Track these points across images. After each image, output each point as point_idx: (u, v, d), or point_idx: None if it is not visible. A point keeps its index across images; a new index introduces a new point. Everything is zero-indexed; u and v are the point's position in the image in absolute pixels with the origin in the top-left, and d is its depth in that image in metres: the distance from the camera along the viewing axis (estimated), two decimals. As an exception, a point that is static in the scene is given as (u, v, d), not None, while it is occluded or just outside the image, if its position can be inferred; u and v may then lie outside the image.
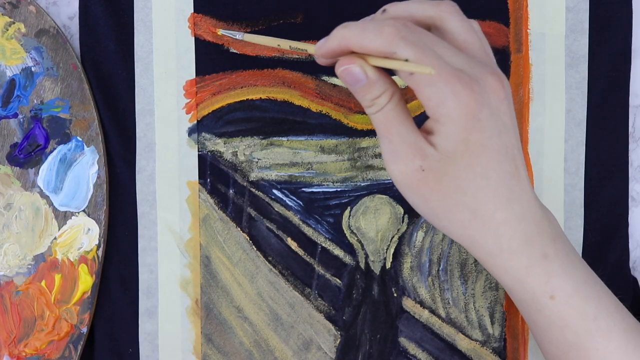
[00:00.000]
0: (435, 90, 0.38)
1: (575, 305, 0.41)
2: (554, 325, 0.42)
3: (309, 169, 0.52)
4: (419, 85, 0.38)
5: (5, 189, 0.51)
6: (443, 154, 0.39)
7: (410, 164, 0.39)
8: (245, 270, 0.52)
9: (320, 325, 0.52)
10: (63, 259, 0.51)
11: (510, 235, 0.40)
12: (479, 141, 0.39)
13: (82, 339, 0.51)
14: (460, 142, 0.39)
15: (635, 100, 0.52)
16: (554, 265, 0.41)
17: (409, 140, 0.39)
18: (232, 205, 0.52)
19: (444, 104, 0.38)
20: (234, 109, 0.52)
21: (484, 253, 0.41)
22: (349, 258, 0.52)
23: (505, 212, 0.40)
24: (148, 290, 0.52)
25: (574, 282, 0.41)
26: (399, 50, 0.38)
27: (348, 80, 0.40)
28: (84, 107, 0.51)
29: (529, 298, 0.42)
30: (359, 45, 0.39)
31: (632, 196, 0.52)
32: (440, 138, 0.39)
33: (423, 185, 0.40)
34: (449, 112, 0.38)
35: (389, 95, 0.39)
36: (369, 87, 0.39)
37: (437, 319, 0.52)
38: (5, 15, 0.51)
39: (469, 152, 0.39)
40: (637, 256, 0.52)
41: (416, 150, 0.39)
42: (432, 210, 0.41)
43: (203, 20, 0.51)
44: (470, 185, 0.39)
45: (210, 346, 0.52)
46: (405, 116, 0.40)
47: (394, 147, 0.40)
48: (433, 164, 0.39)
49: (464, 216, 0.40)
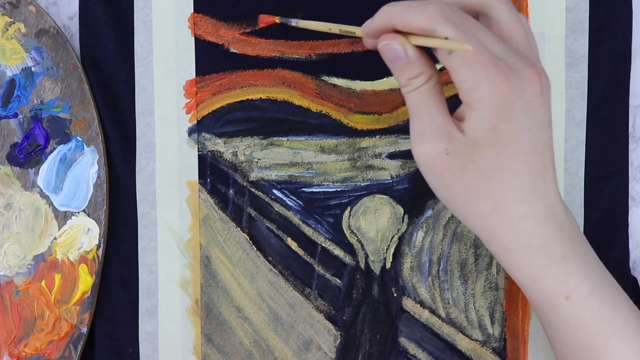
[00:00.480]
0: (470, 72, 0.38)
1: (590, 307, 0.41)
2: (568, 326, 0.41)
3: (309, 169, 0.52)
4: (455, 66, 0.38)
5: (5, 189, 0.51)
6: (470, 140, 0.39)
7: (435, 147, 0.39)
8: (245, 270, 0.52)
9: (320, 325, 0.52)
10: (63, 259, 0.51)
11: (530, 232, 0.40)
12: (508, 131, 0.38)
13: (82, 339, 0.51)
14: (489, 129, 0.38)
15: (635, 100, 0.52)
16: (571, 267, 0.41)
17: (438, 123, 0.39)
18: (232, 205, 0.52)
19: (477, 87, 0.38)
20: (234, 109, 0.52)
21: (500, 247, 0.41)
22: (349, 258, 0.52)
23: (527, 208, 0.40)
24: (148, 290, 0.52)
25: (590, 284, 0.41)
26: (440, 28, 0.38)
27: (388, 57, 0.39)
28: (84, 107, 0.51)
29: (543, 297, 0.41)
30: (402, 22, 0.39)
31: (632, 196, 0.52)
32: (470, 124, 0.39)
33: (446, 169, 0.39)
34: (482, 97, 0.38)
35: (427, 77, 0.39)
36: (408, 66, 0.39)
37: (437, 319, 0.52)
38: (5, 15, 0.51)
39: (497, 142, 0.38)
40: (637, 256, 0.52)
41: (443, 133, 0.39)
42: (453, 197, 0.40)
43: (203, 20, 0.51)
44: (494, 175, 0.39)
45: (210, 346, 0.52)
46: (439, 99, 0.40)
47: (422, 127, 0.40)
48: (459, 149, 0.39)
49: (485, 206, 0.40)
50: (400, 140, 0.52)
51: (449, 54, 0.38)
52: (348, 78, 0.51)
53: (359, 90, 0.52)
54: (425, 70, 0.39)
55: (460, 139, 0.39)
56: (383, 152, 0.52)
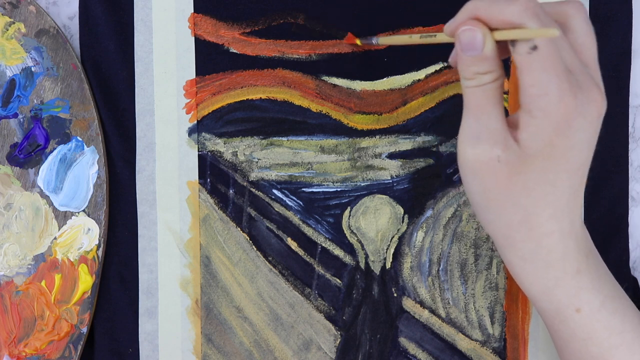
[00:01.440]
0: (543, 78, 0.37)
1: (600, 319, 0.41)
2: (577, 337, 0.41)
3: (309, 169, 0.52)
4: (531, 67, 0.37)
5: (5, 189, 0.51)
6: (524, 150, 0.38)
7: (489, 151, 0.38)
8: (245, 270, 0.52)
9: (320, 325, 0.52)
10: (63, 259, 0.51)
11: (550, 248, 0.40)
12: (562, 148, 0.38)
13: (82, 339, 0.51)
14: (546, 143, 0.38)
15: (635, 100, 0.52)
16: (584, 280, 0.40)
17: (497, 127, 0.38)
18: (232, 205, 0.52)
19: (545, 95, 0.37)
20: (234, 109, 0.52)
21: (516, 257, 0.40)
22: (349, 258, 0.52)
23: (554, 225, 0.39)
24: (148, 290, 0.52)
25: (601, 297, 0.41)
26: (528, 22, 0.37)
27: (464, 43, 0.38)
28: (84, 107, 0.51)
29: (554, 309, 0.41)
30: (489, 14, 0.38)
31: (632, 196, 0.52)
32: (527, 133, 0.38)
33: (492, 176, 0.39)
34: (547, 107, 0.37)
35: (494, 77, 0.38)
36: (480, 61, 0.38)
37: (437, 319, 0.52)
38: (5, 15, 0.51)
39: (549, 156, 0.38)
40: (637, 256, 0.52)
41: (500, 139, 0.38)
42: (487, 202, 0.40)
43: (203, 20, 0.51)
44: (536, 189, 0.38)
45: (210, 346, 0.52)
46: (500, 102, 0.39)
47: (478, 127, 0.39)
48: (511, 158, 0.38)
49: (516, 217, 0.39)
50: (400, 140, 0.52)
51: (529, 53, 0.37)
52: (348, 78, 0.51)
53: (359, 90, 0.52)
54: (495, 70, 0.38)
55: (515, 147, 0.38)
56: (383, 152, 0.52)
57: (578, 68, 0.38)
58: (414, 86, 0.51)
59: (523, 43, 0.37)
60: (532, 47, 0.37)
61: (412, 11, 0.51)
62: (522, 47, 0.37)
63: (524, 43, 0.37)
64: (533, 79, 0.37)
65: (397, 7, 0.51)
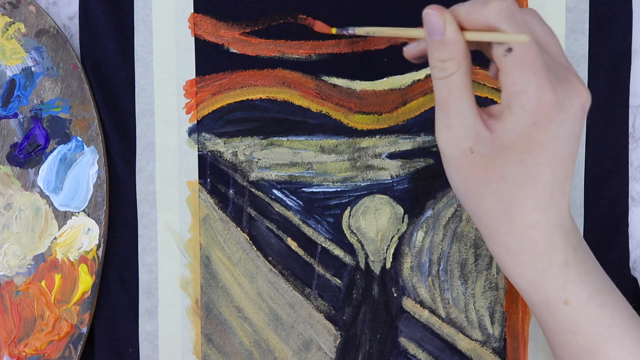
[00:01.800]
0: (522, 77, 0.38)
1: (589, 312, 0.41)
2: (566, 330, 0.41)
3: (309, 169, 0.52)
4: (509, 67, 0.38)
5: (5, 189, 0.51)
6: (498, 141, 0.39)
7: (461, 143, 0.39)
8: (245, 270, 0.52)
9: (320, 325, 0.52)
10: (63, 259, 0.51)
11: (535, 240, 0.40)
12: (541, 141, 0.38)
13: (82, 339, 0.51)
14: (522, 136, 0.38)
15: (635, 100, 0.52)
16: (572, 273, 0.41)
17: (467, 120, 0.39)
18: (232, 205, 0.52)
19: (525, 93, 0.38)
20: (234, 109, 0.52)
21: (502, 249, 0.41)
22: (349, 258, 0.52)
23: (538, 217, 0.39)
24: (148, 290, 0.52)
25: (590, 290, 0.41)
26: (503, 26, 0.38)
27: (427, 27, 0.39)
28: (84, 107, 0.51)
29: (542, 301, 0.41)
30: (466, 15, 0.38)
31: (632, 196, 0.52)
32: (503, 125, 0.39)
33: (467, 165, 0.40)
34: (526, 104, 0.38)
35: (457, 65, 0.39)
36: (442, 45, 0.39)
37: (437, 319, 0.52)
38: (5, 15, 0.51)
39: (527, 148, 0.38)
40: (637, 256, 0.52)
41: (471, 133, 0.39)
42: (468, 191, 0.40)
43: (203, 20, 0.51)
44: (515, 180, 0.39)
45: (210, 346, 0.52)
46: (469, 93, 0.39)
47: (449, 120, 0.39)
48: (484, 149, 0.39)
49: (497, 207, 0.40)
50: (400, 140, 0.52)
51: (505, 55, 0.38)
52: (348, 78, 0.51)
53: (359, 90, 0.52)
54: (457, 57, 0.39)
55: (488, 138, 0.39)
56: (383, 152, 0.52)
57: (554, 64, 0.39)
58: (414, 86, 0.51)
59: (498, 45, 0.38)
60: (507, 50, 0.38)
61: (412, 11, 0.51)
62: (498, 49, 0.38)
63: (499, 45, 0.38)
64: (512, 78, 0.38)
65: (398, 7, 0.51)
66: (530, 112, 0.38)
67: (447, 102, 0.39)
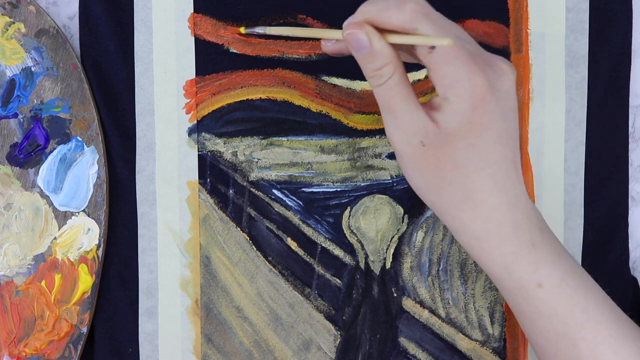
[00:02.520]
0: (451, 69, 0.38)
1: (563, 295, 0.41)
2: (542, 315, 0.42)
3: (309, 169, 0.52)
4: (436, 63, 0.39)
5: (5, 189, 0.51)
6: (444, 130, 0.40)
7: (412, 139, 0.40)
8: (245, 270, 0.52)
9: (320, 325, 0.52)
10: (63, 259, 0.51)
11: (500, 221, 0.41)
12: (483, 123, 0.39)
13: (82, 339, 0.51)
14: (465, 121, 0.39)
15: (635, 100, 0.52)
16: (541, 254, 0.41)
17: (412, 117, 0.40)
18: (232, 205, 0.52)
19: (457, 83, 0.39)
20: (234, 109, 0.52)
21: (470, 237, 0.41)
22: (349, 258, 0.52)
23: (499, 197, 0.40)
24: (148, 290, 0.52)
25: (561, 271, 0.41)
26: (420, 26, 0.38)
27: (353, 46, 0.40)
28: (84, 107, 0.51)
29: (517, 286, 0.42)
30: (381, 19, 0.39)
31: (632, 196, 0.52)
32: (445, 115, 0.40)
33: (422, 159, 0.40)
34: (461, 92, 0.39)
35: (392, 68, 0.40)
36: (373, 57, 0.40)
37: (437, 319, 0.52)
38: (5, 15, 0.51)
39: (472, 133, 0.39)
40: (637, 256, 0.52)
41: (419, 127, 0.40)
42: (426, 184, 0.41)
43: (203, 20, 0.51)
44: (469, 165, 0.40)
45: (210, 346, 0.52)
46: (408, 92, 0.40)
47: (397, 121, 0.40)
48: (433, 141, 0.40)
49: (457, 195, 0.41)
50: (400, 140, 0.52)
51: (430, 52, 0.39)
52: (348, 78, 0.51)
53: (359, 90, 0.52)
54: (390, 61, 0.40)
55: (435, 130, 0.40)
56: (383, 152, 0.52)
57: (477, 49, 0.40)
58: (414, 86, 0.51)
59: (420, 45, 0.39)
60: (431, 47, 0.39)
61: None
62: (420, 48, 0.39)
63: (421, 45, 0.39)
64: (441, 72, 0.39)
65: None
66: (467, 98, 0.39)
67: (391, 104, 0.40)
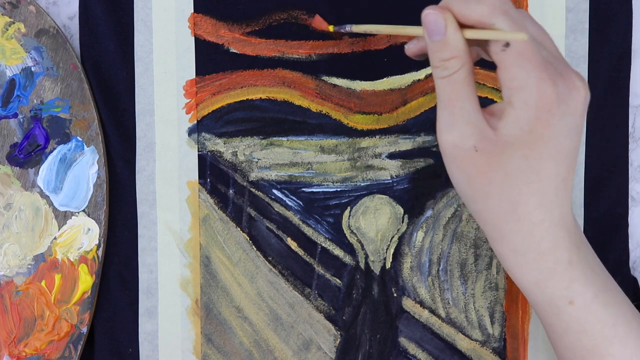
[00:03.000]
0: (522, 72, 0.37)
1: (594, 312, 0.41)
2: (571, 330, 0.41)
3: (309, 169, 0.52)
4: (507, 62, 0.38)
5: (5, 189, 0.51)
6: (502, 138, 0.38)
7: (465, 142, 0.39)
8: (245, 270, 0.52)
9: (320, 325, 0.52)
10: (63, 259, 0.51)
11: (541, 238, 0.40)
12: (544, 135, 0.38)
13: (82, 339, 0.51)
14: (525, 131, 0.38)
15: (635, 100, 0.52)
16: (576, 272, 0.40)
17: (470, 118, 0.39)
18: (232, 205, 0.52)
19: (526, 88, 0.38)
20: (234, 109, 0.52)
21: (508, 249, 0.40)
22: (349, 258, 0.52)
23: (543, 214, 0.39)
24: (148, 290, 0.52)
25: (594, 289, 0.41)
26: (498, 22, 0.38)
27: (428, 28, 0.39)
28: (84, 107, 0.51)
29: (547, 301, 0.41)
30: (460, 11, 0.38)
31: (632, 196, 0.52)
32: (506, 122, 0.38)
33: (471, 165, 0.39)
34: (527, 98, 0.38)
35: (460, 63, 0.39)
36: (444, 45, 0.39)
37: (437, 319, 0.52)
38: (5, 15, 0.51)
39: (530, 143, 0.38)
40: (637, 256, 0.52)
41: (475, 130, 0.39)
42: (472, 191, 0.40)
43: (203, 20, 0.51)
44: (518, 176, 0.39)
45: (210, 346, 0.52)
46: (472, 91, 0.39)
47: (453, 119, 0.39)
48: (488, 147, 0.39)
49: (502, 206, 0.39)
50: (400, 140, 0.52)
51: (503, 50, 0.38)
52: (348, 78, 0.51)
53: (359, 90, 0.52)
54: (459, 55, 0.39)
55: (491, 136, 0.39)
56: (383, 152, 0.52)
57: (553, 58, 0.39)
58: (414, 86, 0.51)
59: (495, 42, 0.38)
60: (505, 45, 0.38)
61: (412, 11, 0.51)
62: (495, 45, 0.38)
63: (496, 42, 0.38)
64: (511, 73, 0.38)
65: (398, 7, 0.51)
66: (532, 106, 0.38)
67: (451, 101, 0.39)
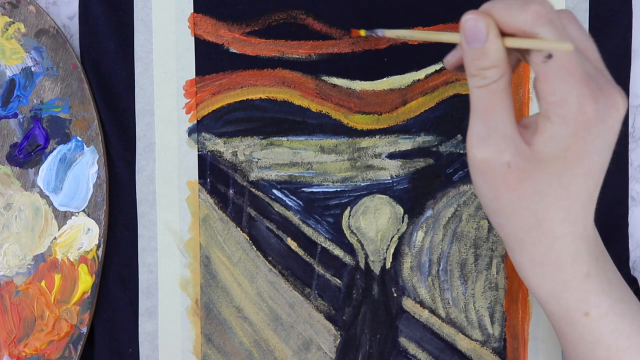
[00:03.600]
0: (562, 86, 0.36)
1: (608, 323, 0.40)
2: (585, 341, 0.41)
3: (309, 169, 0.52)
4: (548, 75, 0.36)
5: (5, 189, 0.51)
6: (536, 155, 0.37)
7: (498, 157, 0.37)
8: (245, 270, 0.52)
9: (320, 325, 0.52)
10: (63, 259, 0.51)
11: (561, 251, 0.39)
12: (579, 154, 0.37)
13: (82, 339, 0.51)
14: (562, 148, 0.37)
15: (635, 100, 0.52)
16: (593, 284, 0.40)
17: (506, 131, 0.37)
18: (232, 205, 0.52)
19: (565, 103, 0.36)
20: (234, 109, 0.52)
21: (527, 259, 0.40)
22: (349, 258, 0.52)
23: (566, 228, 0.38)
24: (148, 290, 0.52)
25: (610, 300, 0.40)
26: (542, 31, 0.36)
27: (467, 34, 0.37)
28: (84, 107, 0.51)
29: (562, 312, 0.40)
30: (501, 18, 0.36)
31: (632, 196, 0.52)
32: (542, 137, 0.37)
33: (502, 182, 0.38)
34: (566, 114, 0.36)
35: (500, 72, 0.37)
36: (483, 53, 0.37)
37: (437, 319, 0.52)
38: (5, 15, 0.51)
39: (564, 161, 0.37)
40: (637, 256, 0.52)
41: (509, 144, 0.37)
42: (498, 206, 0.39)
43: (203, 20, 0.51)
44: (549, 194, 0.37)
45: (210, 346, 0.52)
46: (509, 103, 0.37)
47: (487, 131, 0.37)
48: (522, 163, 0.37)
49: (528, 221, 0.38)
50: (400, 140, 0.52)
51: (544, 62, 0.36)
52: (348, 78, 0.51)
53: (359, 90, 0.52)
54: (499, 65, 0.37)
55: (526, 152, 0.37)
56: (383, 152, 0.52)
57: (595, 72, 0.37)
58: (414, 86, 0.51)
59: (537, 52, 0.36)
60: (547, 56, 0.36)
61: (412, 11, 0.51)
62: (536, 56, 0.36)
63: (538, 52, 0.36)
64: (551, 87, 0.36)
65: (398, 7, 0.51)
66: (571, 123, 0.36)
67: (487, 112, 0.37)
